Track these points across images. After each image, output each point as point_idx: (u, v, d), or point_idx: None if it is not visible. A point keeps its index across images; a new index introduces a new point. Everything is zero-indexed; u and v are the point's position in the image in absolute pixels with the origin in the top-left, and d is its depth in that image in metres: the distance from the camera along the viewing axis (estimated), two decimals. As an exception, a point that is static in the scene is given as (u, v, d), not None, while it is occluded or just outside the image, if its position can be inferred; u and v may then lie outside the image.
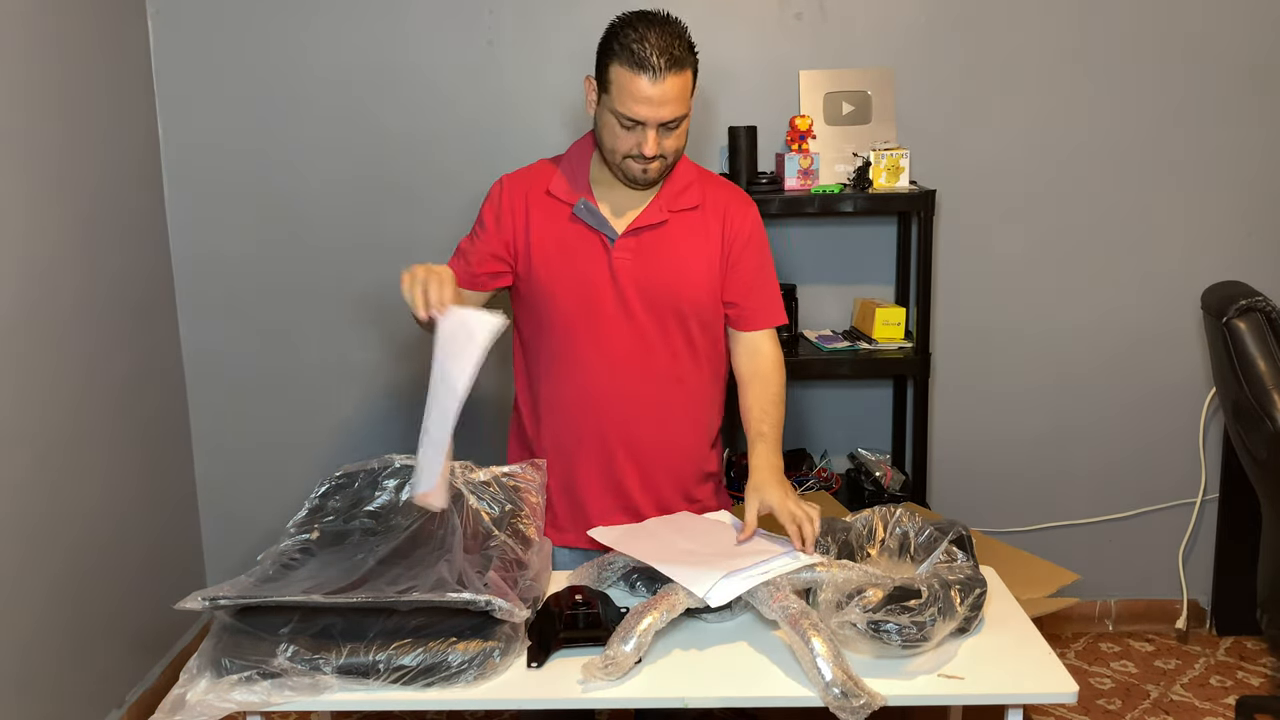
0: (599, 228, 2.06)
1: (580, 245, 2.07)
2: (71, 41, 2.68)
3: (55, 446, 2.58)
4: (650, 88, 1.92)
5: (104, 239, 2.82)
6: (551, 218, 2.09)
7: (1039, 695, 1.77)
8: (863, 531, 2.01)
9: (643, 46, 1.92)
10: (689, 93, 2.00)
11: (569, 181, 2.09)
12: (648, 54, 1.91)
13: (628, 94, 1.93)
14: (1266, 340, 2.46)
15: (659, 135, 1.98)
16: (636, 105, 1.94)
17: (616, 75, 1.94)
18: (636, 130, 1.97)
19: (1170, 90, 3.12)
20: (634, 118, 1.95)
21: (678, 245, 2.08)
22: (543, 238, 2.08)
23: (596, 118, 2.04)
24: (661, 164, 2.03)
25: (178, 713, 1.62)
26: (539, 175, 2.13)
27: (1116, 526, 3.36)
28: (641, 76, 1.92)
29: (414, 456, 2.07)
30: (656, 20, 1.96)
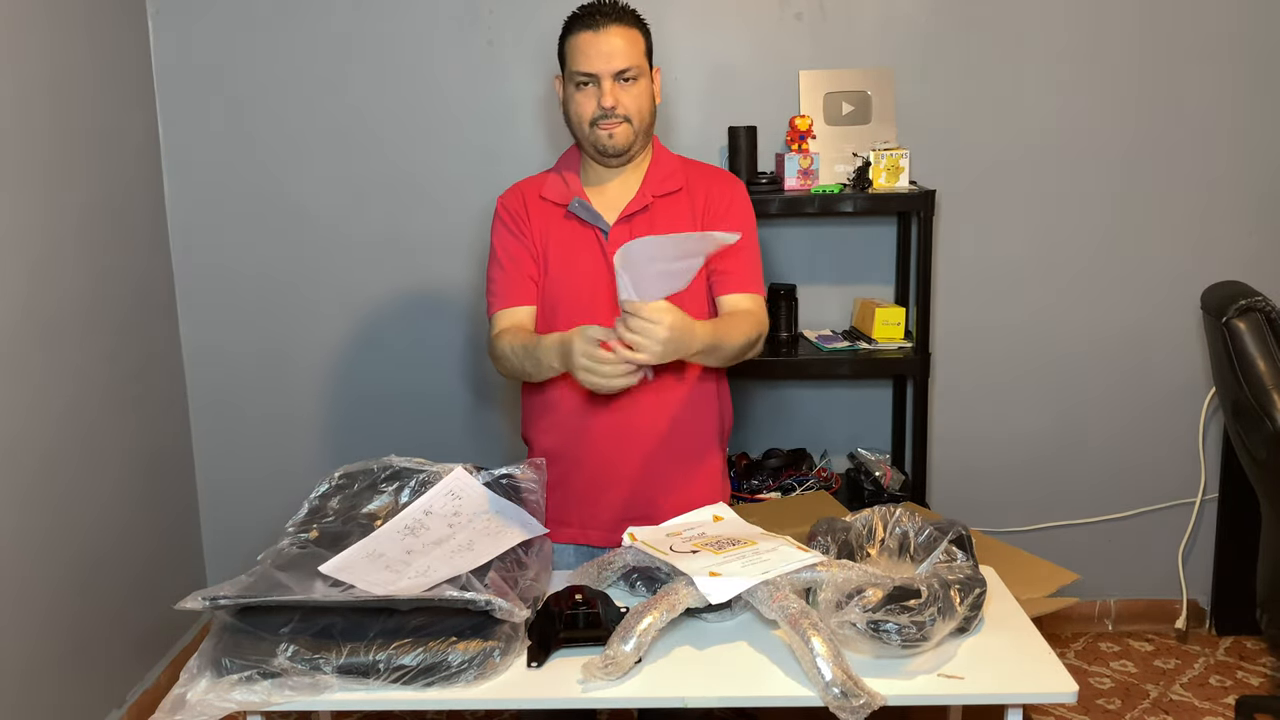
0: (593, 221, 2.14)
1: (578, 242, 2.15)
2: (72, 42, 2.68)
3: (55, 447, 2.58)
4: (595, 38, 2.04)
5: (104, 239, 2.82)
6: (550, 221, 2.17)
7: (1039, 695, 1.76)
8: (863, 531, 2.01)
9: (584, 9, 2.08)
10: (640, 49, 2.09)
11: (562, 185, 2.18)
12: (589, 12, 2.07)
13: (579, 53, 2.06)
14: (1266, 340, 2.46)
15: (615, 86, 2.06)
16: (586, 61, 2.05)
17: (568, 47, 2.09)
18: (591, 88, 2.06)
19: (1170, 90, 3.12)
20: (586, 71, 2.05)
21: (663, 228, 2.11)
22: (544, 239, 2.17)
23: (563, 103, 2.15)
24: (627, 127, 2.09)
25: (178, 713, 1.62)
26: (531, 184, 2.23)
27: (1116, 526, 3.36)
28: (585, 31, 2.05)
29: (414, 458, 2.08)
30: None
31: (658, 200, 2.15)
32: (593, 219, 2.14)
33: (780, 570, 1.81)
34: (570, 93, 2.11)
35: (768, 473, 3.11)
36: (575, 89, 2.09)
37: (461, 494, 1.96)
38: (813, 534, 2.03)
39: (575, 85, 2.08)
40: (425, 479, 2.03)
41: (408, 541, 1.87)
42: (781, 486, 3.06)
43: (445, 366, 3.26)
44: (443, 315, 3.23)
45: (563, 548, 2.20)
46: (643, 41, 2.10)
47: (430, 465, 2.06)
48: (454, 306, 3.22)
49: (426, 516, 1.93)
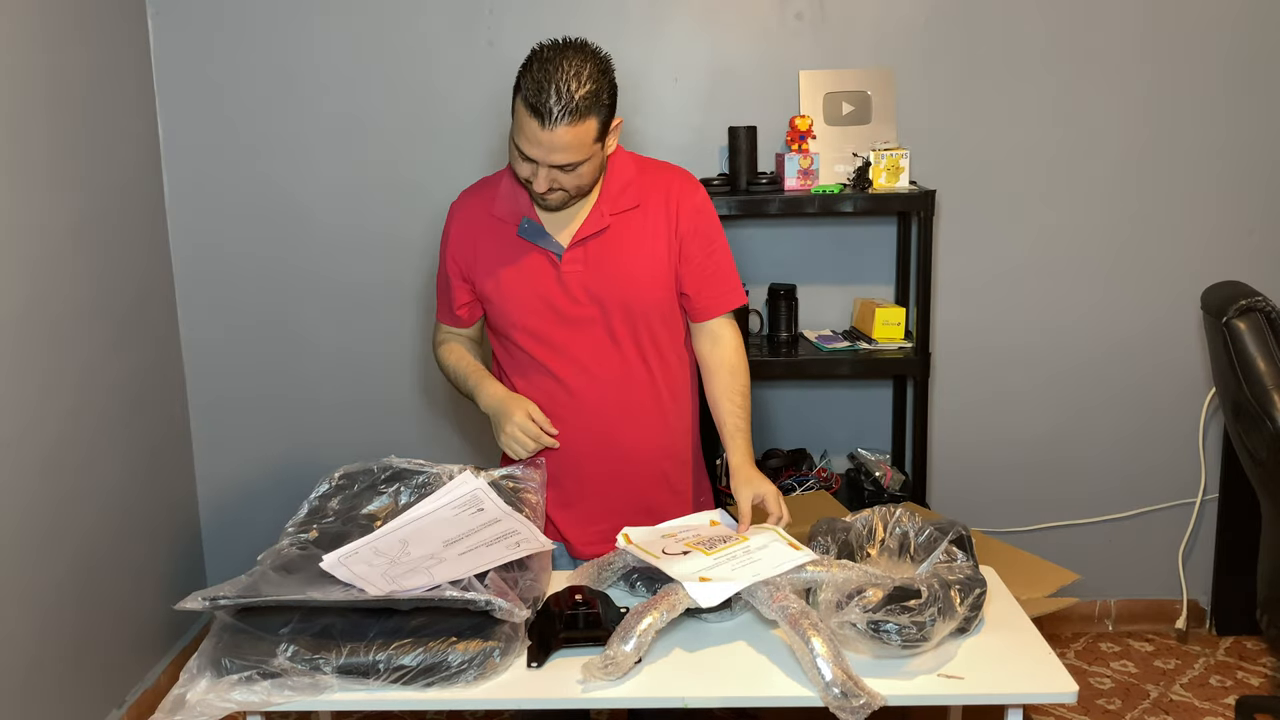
0: (544, 245, 2.07)
1: (529, 263, 2.08)
2: (72, 42, 2.68)
3: (55, 446, 2.58)
4: (541, 133, 1.88)
5: (104, 239, 2.82)
6: (500, 240, 2.10)
7: (1039, 695, 1.77)
8: (863, 531, 2.01)
9: (540, 91, 1.86)
10: (589, 140, 1.92)
11: (512, 200, 2.09)
12: (544, 99, 1.86)
13: (522, 132, 1.91)
14: (1266, 340, 2.46)
15: (553, 174, 1.94)
16: (529, 145, 1.91)
17: (517, 109, 1.91)
18: (531, 164, 1.94)
19: (1170, 90, 3.12)
20: (527, 155, 1.92)
21: (623, 248, 2.07)
22: (493, 261, 2.10)
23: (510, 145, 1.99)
24: (562, 195, 2.00)
25: (178, 713, 1.62)
26: (484, 198, 2.15)
27: (1116, 526, 3.36)
28: (533, 120, 1.87)
29: (414, 459, 2.08)
30: (571, 59, 1.88)
31: (615, 218, 2.07)
32: (544, 243, 2.07)
33: (772, 572, 1.81)
34: (512, 149, 1.96)
35: (768, 473, 3.09)
36: (514, 149, 1.94)
37: (469, 499, 1.96)
38: (813, 534, 2.03)
39: (516, 149, 1.94)
40: (425, 480, 2.03)
41: (410, 543, 1.87)
42: (781, 486, 3.05)
43: (445, 366, 3.26)
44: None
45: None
46: (596, 127, 1.92)
47: (430, 466, 2.06)
48: (454, 306, 3.22)
49: (430, 518, 1.93)
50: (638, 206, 2.08)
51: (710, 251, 2.13)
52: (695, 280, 2.12)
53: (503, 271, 2.09)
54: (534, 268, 2.07)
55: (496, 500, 1.95)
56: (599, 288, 2.07)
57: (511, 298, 2.09)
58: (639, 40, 3.10)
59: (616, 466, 2.15)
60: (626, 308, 2.08)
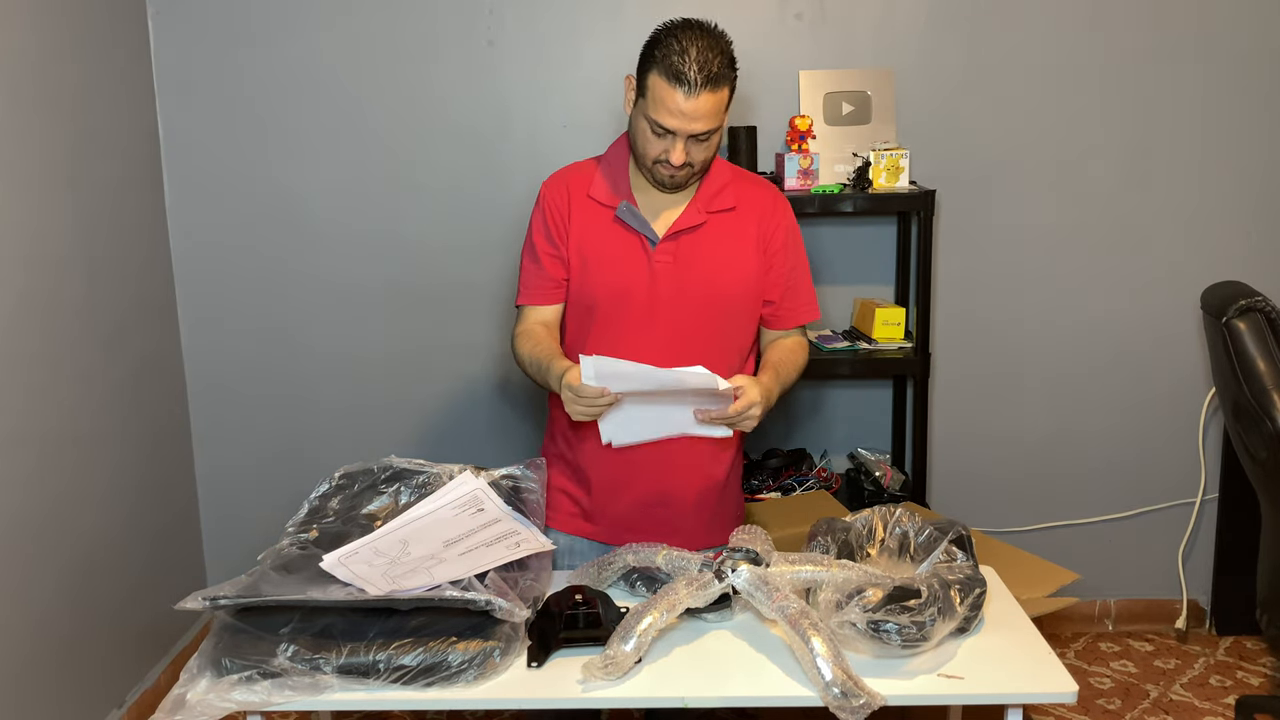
0: (640, 230, 2.10)
1: (622, 248, 2.11)
2: (71, 41, 2.68)
3: (56, 446, 2.58)
4: (685, 102, 1.95)
5: (104, 239, 2.82)
6: (594, 221, 2.12)
7: (1039, 695, 1.77)
8: (863, 531, 2.01)
9: (682, 60, 1.94)
10: (724, 108, 2.01)
11: (610, 184, 2.13)
12: (686, 68, 1.93)
13: (662, 105, 1.96)
14: (1266, 340, 2.46)
15: (688, 145, 2.01)
16: (670, 117, 1.97)
17: (654, 84, 1.97)
18: (667, 138, 2.00)
19: (1170, 90, 3.12)
20: (666, 127, 1.98)
21: (715, 248, 2.11)
22: (584, 242, 2.12)
23: (631, 119, 2.07)
24: (689, 171, 2.06)
25: (178, 713, 1.62)
26: (580, 178, 2.17)
27: (1116, 526, 3.36)
28: (678, 90, 1.94)
29: (414, 459, 2.08)
30: (701, 33, 1.98)
31: (711, 217, 2.12)
32: (641, 227, 2.10)
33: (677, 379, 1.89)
34: (641, 125, 2.02)
35: (768, 473, 3.11)
36: (649, 127, 2.00)
37: (469, 499, 1.96)
38: (813, 534, 2.03)
39: (650, 125, 2.00)
40: (425, 480, 2.03)
41: (410, 543, 1.87)
42: (781, 486, 3.06)
43: (446, 366, 3.26)
44: (443, 315, 3.23)
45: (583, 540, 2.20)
46: (728, 96, 2.02)
47: (431, 466, 2.06)
48: (454, 305, 3.22)
49: (430, 518, 1.93)
50: (733, 209, 2.14)
51: (796, 264, 2.21)
52: (779, 289, 2.19)
53: (595, 250, 2.11)
54: (626, 251, 2.10)
55: (496, 500, 1.95)
56: (685, 281, 2.10)
57: (599, 276, 2.11)
58: (639, 40, 3.07)
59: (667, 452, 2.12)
60: (706, 304, 2.11)
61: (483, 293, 3.20)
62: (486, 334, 3.23)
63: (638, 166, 2.10)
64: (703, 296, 2.11)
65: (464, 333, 3.23)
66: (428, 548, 1.83)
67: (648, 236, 2.10)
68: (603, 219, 2.12)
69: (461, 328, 3.23)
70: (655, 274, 2.09)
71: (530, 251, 2.18)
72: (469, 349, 3.24)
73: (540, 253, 2.16)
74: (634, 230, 2.10)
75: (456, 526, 1.89)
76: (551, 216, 2.15)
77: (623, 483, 2.16)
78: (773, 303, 2.19)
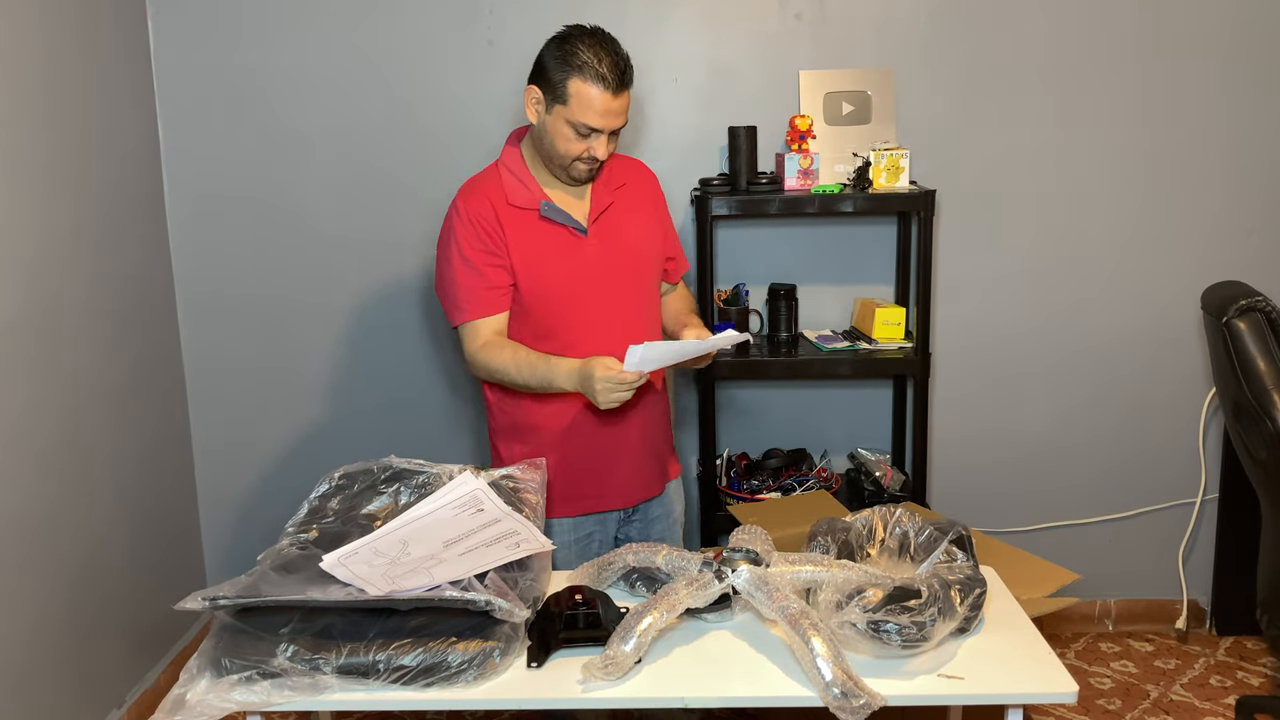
0: (565, 222, 2.26)
1: (557, 243, 2.26)
2: (72, 42, 2.68)
3: (55, 446, 2.58)
4: (612, 100, 2.15)
5: (104, 239, 2.82)
6: (522, 225, 2.25)
7: (1039, 695, 1.77)
8: (863, 531, 2.01)
9: (602, 64, 2.13)
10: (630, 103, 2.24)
11: (523, 189, 2.27)
12: (606, 71, 2.13)
13: (589, 106, 2.14)
14: (1266, 340, 2.46)
15: (608, 139, 2.20)
16: (596, 116, 2.15)
17: (576, 89, 2.14)
18: (591, 137, 2.18)
19: (1170, 90, 3.12)
20: (592, 126, 2.16)
21: (628, 222, 2.33)
22: (523, 245, 2.25)
23: (544, 125, 2.21)
24: (596, 165, 2.25)
25: (178, 713, 1.62)
26: (493, 188, 2.28)
27: (1116, 526, 3.36)
28: (604, 91, 2.13)
29: (414, 459, 2.08)
30: (606, 39, 2.17)
31: (615, 195, 2.32)
32: (565, 220, 2.26)
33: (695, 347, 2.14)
34: (559, 128, 2.18)
35: (768, 473, 3.11)
36: (569, 129, 2.16)
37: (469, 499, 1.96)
38: (813, 534, 2.03)
39: (574, 128, 2.16)
40: (425, 480, 2.03)
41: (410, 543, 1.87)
42: (781, 486, 3.06)
43: (446, 367, 3.26)
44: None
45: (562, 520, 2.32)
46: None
47: (430, 466, 2.06)
48: (454, 306, 3.22)
49: (430, 518, 1.93)
50: (625, 185, 2.35)
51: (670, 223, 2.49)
52: (672, 246, 2.48)
53: (534, 250, 2.25)
54: (561, 244, 2.26)
55: (496, 501, 1.95)
56: (616, 257, 2.29)
57: (546, 273, 2.25)
58: (639, 40, 3.08)
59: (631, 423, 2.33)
60: (638, 274, 2.34)
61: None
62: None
63: (551, 166, 2.26)
64: (633, 268, 2.32)
65: (464, 333, 3.23)
66: (428, 548, 1.83)
67: (573, 227, 2.27)
68: (528, 221, 2.25)
69: (461, 328, 3.23)
70: (592, 258, 2.27)
71: (465, 266, 2.25)
72: (469, 349, 3.24)
73: (479, 264, 2.24)
74: (559, 224, 2.26)
75: (456, 526, 1.89)
76: (482, 227, 2.24)
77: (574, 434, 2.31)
78: (673, 259, 2.47)
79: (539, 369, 2.19)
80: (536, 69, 2.21)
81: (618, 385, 2.08)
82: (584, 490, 2.33)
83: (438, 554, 1.82)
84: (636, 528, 2.44)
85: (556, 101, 2.16)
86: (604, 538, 2.39)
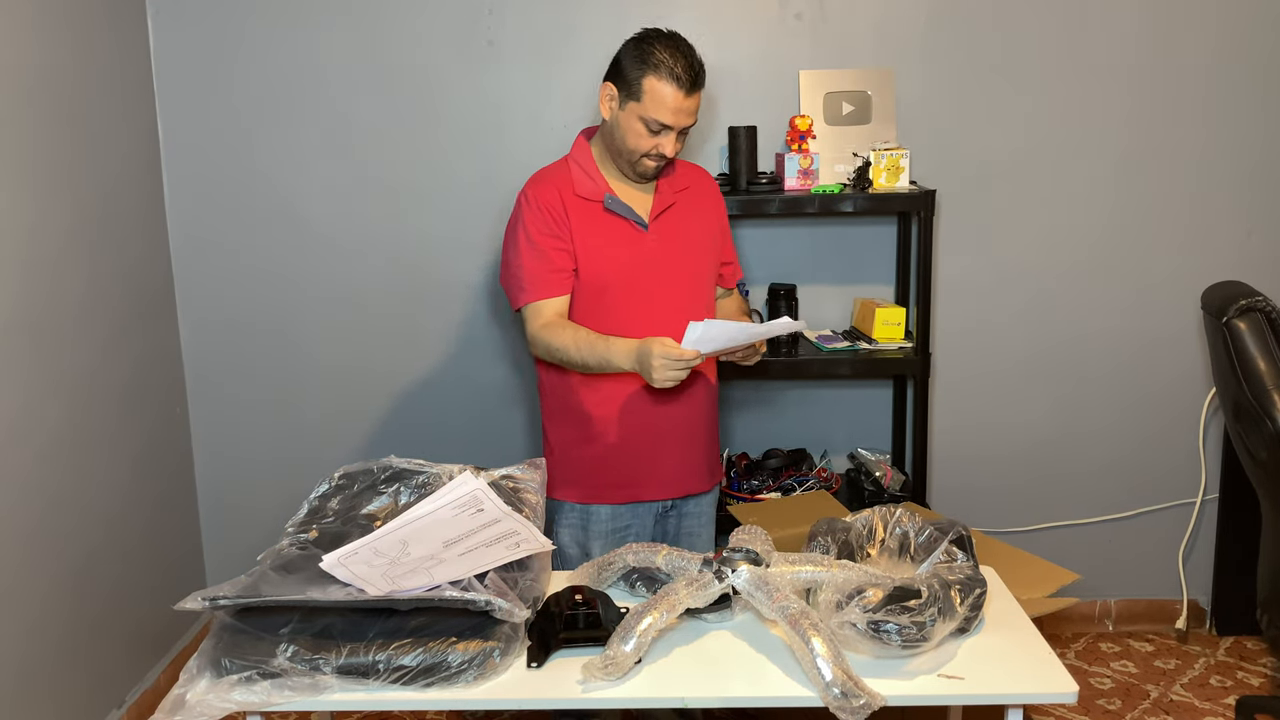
0: (628, 216, 2.34)
1: (619, 234, 2.34)
2: (72, 41, 2.68)
3: (55, 446, 2.58)
4: (684, 100, 2.24)
5: (104, 239, 2.82)
6: (587, 215, 2.34)
7: (1039, 695, 1.77)
8: (863, 531, 2.01)
9: (677, 64, 2.23)
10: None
11: (590, 181, 2.35)
12: (682, 71, 2.23)
13: (662, 104, 2.23)
14: (1266, 340, 2.46)
15: (678, 137, 2.30)
16: (669, 114, 2.24)
17: (651, 86, 2.23)
18: (661, 134, 2.26)
19: (1170, 90, 3.12)
20: (665, 124, 2.25)
21: (688, 223, 2.41)
22: (586, 233, 2.33)
23: (617, 120, 2.29)
24: (665, 161, 2.34)
25: (178, 713, 1.62)
26: (559, 180, 2.36)
27: (1116, 526, 3.36)
28: (678, 90, 2.23)
29: (414, 459, 2.08)
30: (681, 41, 2.27)
31: (678, 197, 2.40)
32: (628, 214, 2.34)
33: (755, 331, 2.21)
34: (631, 124, 2.26)
35: (768, 473, 3.11)
36: (641, 125, 2.25)
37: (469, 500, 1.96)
38: (813, 534, 2.03)
39: (644, 124, 2.25)
40: (425, 480, 2.03)
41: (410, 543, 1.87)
42: (781, 486, 3.06)
43: (446, 367, 3.26)
44: (443, 315, 3.23)
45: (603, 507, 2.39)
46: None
47: (430, 466, 2.06)
48: (454, 307, 3.22)
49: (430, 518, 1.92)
50: (687, 188, 2.44)
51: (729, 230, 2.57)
52: (729, 251, 2.56)
53: (597, 239, 2.33)
54: (623, 236, 2.34)
55: (496, 501, 1.95)
56: (673, 254, 2.37)
57: (606, 261, 2.32)
58: (639, 40, 3.10)
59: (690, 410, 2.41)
60: (694, 271, 2.41)
61: (481, 293, 3.20)
62: (486, 334, 3.23)
63: (619, 162, 2.34)
64: (689, 266, 2.40)
65: (463, 332, 3.23)
66: (427, 548, 1.83)
67: (636, 221, 2.34)
68: (592, 212, 2.34)
69: (461, 327, 3.23)
70: (650, 251, 2.34)
71: (530, 249, 2.33)
72: (469, 348, 3.25)
73: (544, 247, 2.32)
74: (622, 217, 2.33)
75: (456, 527, 1.89)
76: (549, 214, 2.32)
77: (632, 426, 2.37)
78: (729, 263, 2.55)
79: (597, 347, 2.24)
80: (613, 67, 2.29)
81: (675, 363, 2.12)
82: (627, 478, 2.39)
83: (438, 554, 1.82)
84: (673, 522, 2.48)
85: (631, 98, 2.25)
86: (641, 531, 2.44)
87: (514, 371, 3.26)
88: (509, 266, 2.37)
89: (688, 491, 2.47)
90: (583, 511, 2.41)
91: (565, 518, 2.41)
